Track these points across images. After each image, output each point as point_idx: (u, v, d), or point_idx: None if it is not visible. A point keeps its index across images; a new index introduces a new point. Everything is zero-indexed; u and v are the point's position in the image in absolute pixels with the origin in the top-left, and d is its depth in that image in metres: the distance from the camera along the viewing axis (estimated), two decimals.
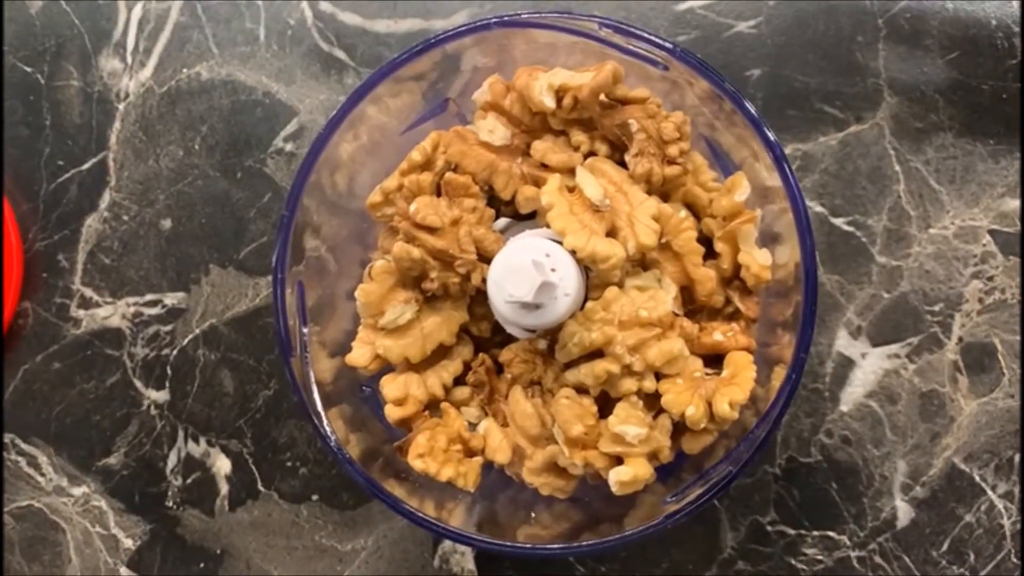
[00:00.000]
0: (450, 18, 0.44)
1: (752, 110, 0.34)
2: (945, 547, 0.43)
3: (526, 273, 0.33)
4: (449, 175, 0.36)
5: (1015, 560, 0.42)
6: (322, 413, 0.35)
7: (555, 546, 0.35)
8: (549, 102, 0.35)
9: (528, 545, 0.31)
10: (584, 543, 0.35)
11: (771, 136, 0.34)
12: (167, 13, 0.46)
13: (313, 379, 0.35)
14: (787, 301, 0.36)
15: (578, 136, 0.36)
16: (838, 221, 0.43)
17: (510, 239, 0.36)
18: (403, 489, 0.35)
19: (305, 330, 0.36)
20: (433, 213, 0.35)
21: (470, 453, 0.37)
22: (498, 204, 0.37)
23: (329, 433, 0.35)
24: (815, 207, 0.43)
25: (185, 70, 0.46)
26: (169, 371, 0.45)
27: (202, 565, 0.45)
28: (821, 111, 0.43)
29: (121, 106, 0.46)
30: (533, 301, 0.33)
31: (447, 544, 0.44)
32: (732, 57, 0.43)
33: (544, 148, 0.36)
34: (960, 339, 0.43)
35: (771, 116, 0.43)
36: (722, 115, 0.36)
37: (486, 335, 0.38)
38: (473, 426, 0.38)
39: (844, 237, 0.43)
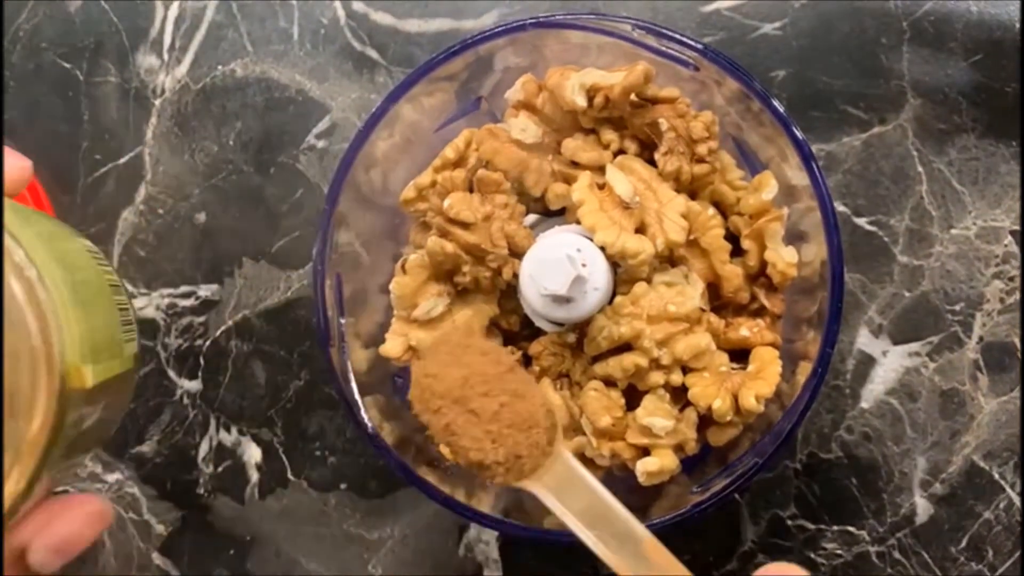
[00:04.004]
0: (480, 18, 0.45)
1: (781, 109, 0.35)
2: (964, 543, 0.43)
3: (561, 267, 0.33)
4: (482, 172, 0.37)
5: None
6: (359, 402, 0.36)
7: None
8: (581, 101, 0.36)
9: (562, 532, 0.32)
10: None
11: (799, 135, 0.35)
12: (203, 12, 0.47)
13: (351, 369, 0.36)
14: (812, 298, 0.36)
15: (608, 134, 0.37)
16: (861, 221, 0.44)
17: (539, 235, 0.37)
18: (434, 477, 0.36)
19: (343, 321, 0.37)
20: (466, 209, 0.36)
21: None
22: (527, 200, 0.38)
23: (366, 421, 0.35)
24: (838, 206, 0.44)
25: (220, 67, 0.46)
26: (202, 361, 0.46)
27: (232, 552, 0.46)
28: (845, 112, 0.44)
29: (157, 102, 0.47)
30: (566, 294, 0.34)
31: (472, 533, 0.45)
32: (757, 58, 0.44)
33: (575, 146, 0.37)
34: (981, 338, 0.43)
35: (795, 117, 0.43)
36: (749, 115, 0.37)
37: (515, 328, 0.39)
38: None
39: (866, 237, 0.44)
